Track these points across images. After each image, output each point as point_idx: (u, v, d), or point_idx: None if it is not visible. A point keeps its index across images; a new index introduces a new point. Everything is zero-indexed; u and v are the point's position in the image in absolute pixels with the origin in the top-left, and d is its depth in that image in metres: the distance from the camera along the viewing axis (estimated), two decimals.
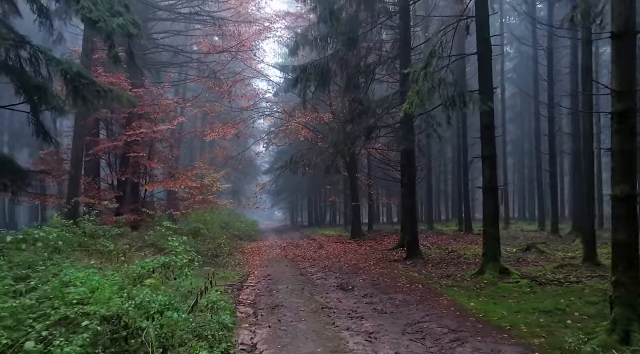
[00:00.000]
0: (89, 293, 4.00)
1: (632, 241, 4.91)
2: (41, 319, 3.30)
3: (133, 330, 3.86)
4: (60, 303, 3.67)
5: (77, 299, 3.74)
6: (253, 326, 6.11)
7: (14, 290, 3.99)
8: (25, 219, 37.60)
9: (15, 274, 4.38)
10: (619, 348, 4.42)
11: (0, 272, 4.07)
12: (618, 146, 4.93)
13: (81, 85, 7.21)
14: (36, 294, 3.79)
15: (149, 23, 17.95)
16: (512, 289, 7.78)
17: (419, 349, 5.02)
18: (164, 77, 18.23)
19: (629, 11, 4.77)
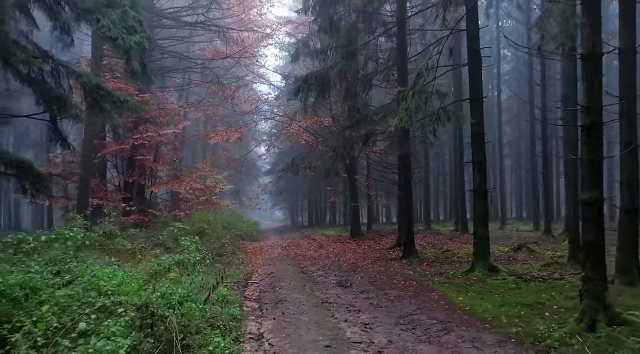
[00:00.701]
0: (118, 286, 4.59)
1: (599, 241, 5.49)
2: (84, 306, 3.88)
3: (158, 317, 4.45)
4: (97, 294, 4.25)
5: (110, 290, 4.32)
6: (259, 319, 6.69)
7: (53, 283, 4.57)
8: (28, 220, 38.21)
9: (50, 270, 4.96)
10: (584, 335, 5.01)
11: (39, 267, 4.65)
12: (587, 156, 5.52)
13: (99, 96, 7.80)
14: (75, 287, 4.37)
15: (154, 30, 18.54)
16: (499, 285, 8.37)
17: (410, 337, 5.60)
18: (169, 82, 18.84)
19: (595, 37, 5.36)
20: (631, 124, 7.58)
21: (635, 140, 7.57)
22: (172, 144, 19.35)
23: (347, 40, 11.02)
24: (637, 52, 7.56)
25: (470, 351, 5.00)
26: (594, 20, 5.41)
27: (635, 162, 7.61)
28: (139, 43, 7.25)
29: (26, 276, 4.17)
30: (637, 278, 7.45)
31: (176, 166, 20.52)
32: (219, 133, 19.52)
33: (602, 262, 5.46)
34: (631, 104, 7.54)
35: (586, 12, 5.40)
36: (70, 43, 7.92)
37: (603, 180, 5.55)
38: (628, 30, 7.50)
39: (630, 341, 4.71)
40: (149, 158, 17.44)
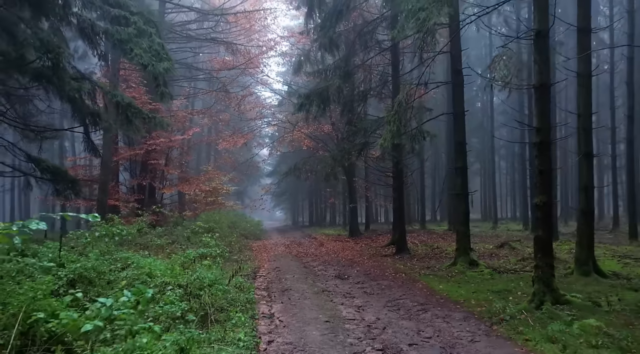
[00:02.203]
0: (163, 271, 5.85)
1: (547, 236, 6.76)
2: (143, 284, 5.12)
3: (194, 295, 5.71)
4: (148, 277, 5.51)
5: (158, 274, 5.58)
6: (269, 303, 7.93)
7: (112, 269, 5.83)
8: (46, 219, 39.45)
9: (106, 258, 6.21)
10: (532, 311, 6.27)
11: (101, 256, 5.91)
12: (538, 167, 6.78)
13: (131, 113, 9.05)
14: (130, 271, 5.63)
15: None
16: (476, 276, 9.62)
17: (394, 315, 6.85)
18: (178, 91, 20.09)
19: (544, 71, 6.61)
20: (588, 136, 8.83)
21: (591, 150, 8.83)
22: (182, 148, 20.59)
23: (344, 62, 12.30)
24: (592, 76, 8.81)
25: (441, 324, 6.25)
26: (544, 57, 6.67)
27: (591, 170, 8.86)
28: (167, 69, 8.49)
29: (94, 262, 5.42)
30: (591, 269, 8.71)
31: (184, 169, 21.77)
32: (227, 139, 20.79)
33: (550, 254, 6.72)
34: (587, 120, 8.79)
35: (537, 51, 6.66)
36: (106, 65, 9.13)
37: (564, 185, 6.78)
38: (585, 58, 8.74)
39: (565, 315, 5.97)
40: (160, 162, 18.69)
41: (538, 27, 6.65)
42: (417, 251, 14.79)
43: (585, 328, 5.41)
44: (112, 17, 9.35)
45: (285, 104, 22.91)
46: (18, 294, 3.60)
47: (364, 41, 12.72)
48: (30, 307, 3.52)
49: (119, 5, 9.63)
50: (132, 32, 8.48)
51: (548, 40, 6.71)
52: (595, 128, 9.02)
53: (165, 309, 4.10)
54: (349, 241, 19.82)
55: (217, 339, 4.85)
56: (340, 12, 11.50)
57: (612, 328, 5.44)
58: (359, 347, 5.31)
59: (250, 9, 20.65)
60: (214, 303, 6.15)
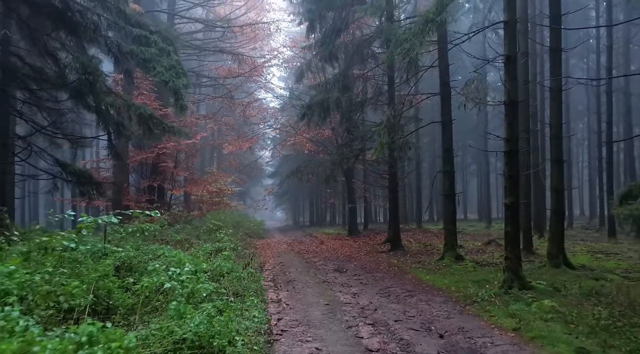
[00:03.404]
0: (191, 260, 6.97)
1: (515, 232, 7.88)
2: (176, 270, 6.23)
3: (216, 280, 6.83)
4: (178, 264, 6.62)
5: (185, 263, 6.70)
6: (276, 291, 9.04)
7: (147, 258, 6.94)
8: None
9: (140, 250, 7.32)
10: (501, 295, 7.39)
11: (135, 249, 7.02)
12: (507, 172, 7.90)
13: (153, 124, 10.16)
14: (163, 260, 6.73)
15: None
16: (460, 269, 10.73)
17: (384, 300, 7.96)
18: (187, 97, 21.22)
19: (512, 90, 7.73)
20: (558, 144, 9.94)
21: (561, 157, 9.95)
22: (189, 152, 21.72)
23: (342, 76, 13.43)
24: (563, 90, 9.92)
25: (424, 306, 7.37)
26: (512, 78, 7.79)
27: (561, 174, 9.98)
28: (185, 85, 9.58)
29: (132, 252, 6.54)
30: (561, 262, 9.82)
31: (191, 171, 22.90)
32: (232, 143, 21.92)
33: (517, 247, 7.84)
34: (558, 130, 9.90)
35: (507, 73, 7.78)
36: (130, 81, 10.24)
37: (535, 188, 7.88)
38: (556, 75, 9.85)
39: (527, 298, 7.09)
40: (169, 165, 19.81)
41: (507, 53, 7.76)
42: (411, 248, 15.90)
43: (541, 307, 6.53)
44: (134, 36, 10.47)
45: (288, 109, 24.02)
46: (88, 273, 4.72)
47: (361, 54, 13.85)
48: (98, 282, 4.63)
49: (139, 26, 10.75)
50: (154, 51, 9.58)
51: (516, 65, 7.82)
52: (565, 136, 10.08)
53: (202, 286, 5.20)
54: (348, 240, 20.91)
55: (237, 316, 5.97)
56: (339, 30, 12.59)
57: (564, 307, 6.55)
58: (353, 322, 6.43)
59: (254, 18, 21.84)
60: (231, 287, 7.27)
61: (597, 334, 5.33)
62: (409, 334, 5.83)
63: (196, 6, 20.16)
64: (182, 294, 4.35)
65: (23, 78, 10.07)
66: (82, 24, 9.28)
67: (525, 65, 12.10)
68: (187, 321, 3.50)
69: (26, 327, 2.48)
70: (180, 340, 3.47)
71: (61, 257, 4.46)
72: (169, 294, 4.31)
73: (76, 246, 4.82)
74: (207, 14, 23.85)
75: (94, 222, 4.84)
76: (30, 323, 2.56)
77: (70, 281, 3.77)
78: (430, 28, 7.32)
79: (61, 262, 4.40)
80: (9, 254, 4.37)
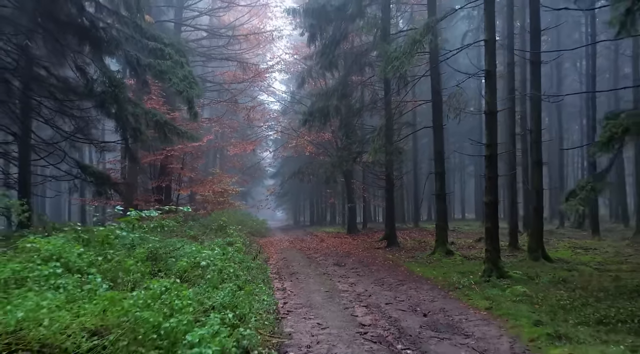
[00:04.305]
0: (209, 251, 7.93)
1: (494, 227, 8.84)
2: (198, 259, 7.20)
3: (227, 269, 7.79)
4: (198, 254, 7.59)
5: (204, 253, 7.67)
6: (281, 281, 10.00)
7: (168, 250, 7.90)
8: (75, 217, 41.66)
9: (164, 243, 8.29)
10: (481, 283, 8.35)
11: (160, 242, 7.99)
12: (488, 174, 8.87)
13: (168, 129, 11.12)
14: (183, 251, 7.70)
15: None
16: (449, 262, 11.70)
17: (378, 288, 8.92)
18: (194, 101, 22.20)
19: (493, 101, 8.70)
20: (538, 148, 10.91)
21: (540, 159, 10.92)
22: (196, 153, 22.69)
23: (341, 85, 14.40)
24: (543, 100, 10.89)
25: (413, 292, 8.33)
26: (492, 90, 8.76)
27: (540, 175, 10.94)
28: (198, 94, 10.54)
29: (157, 244, 7.50)
30: (540, 255, 10.78)
31: (197, 172, 23.87)
32: (237, 145, 22.90)
33: (496, 241, 8.82)
34: (538, 135, 10.87)
35: (487, 86, 8.75)
36: (147, 90, 11.19)
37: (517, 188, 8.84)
38: (536, 85, 10.82)
39: (503, 284, 8.05)
40: (177, 166, 20.78)
41: (488, 68, 8.73)
42: (406, 244, 16.87)
43: (513, 292, 7.50)
44: (150, 49, 11.44)
45: (289, 112, 24.98)
46: (125, 260, 5.68)
47: (359, 63, 14.81)
48: (132, 267, 5.59)
49: (154, 39, 11.73)
50: (170, 64, 10.54)
51: (495, 79, 8.79)
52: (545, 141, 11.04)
53: (229, 264, 6.16)
54: (347, 238, 21.87)
55: (250, 297, 6.92)
56: (338, 41, 13.54)
57: (533, 292, 7.51)
58: (349, 305, 7.40)
59: (257, 25, 22.83)
60: (243, 275, 8.23)
61: (555, 311, 6.30)
62: (398, 313, 6.79)
63: (202, 15, 21.14)
64: (214, 270, 5.31)
65: (49, 88, 11.06)
66: (104, 39, 10.25)
67: (511, 74, 13.07)
68: (218, 292, 4.46)
69: (108, 287, 3.40)
70: (210, 307, 4.44)
71: (112, 244, 5.41)
72: (204, 270, 5.27)
73: (127, 235, 5.79)
74: (212, 20, 24.85)
75: (138, 215, 5.82)
76: (108, 285, 3.49)
77: (126, 260, 4.72)
78: (418, 48, 8.29)
79: (112, 248, 5.36)
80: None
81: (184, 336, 2.79)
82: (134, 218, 5.99)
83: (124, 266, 4.61)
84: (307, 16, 14.15)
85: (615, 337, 5.18)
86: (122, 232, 5.84)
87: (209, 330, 2.82)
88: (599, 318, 5.77)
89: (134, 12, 11.30)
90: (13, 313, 2.67)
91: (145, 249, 6.10)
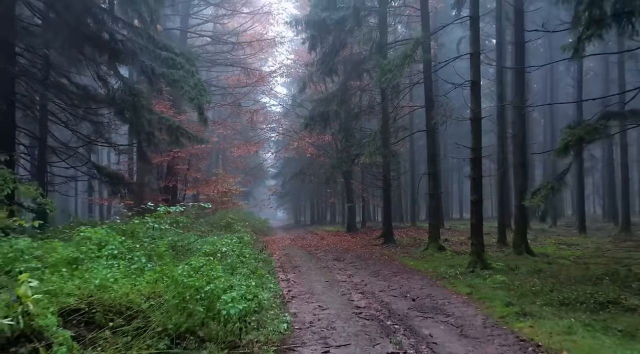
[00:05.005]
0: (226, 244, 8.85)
1: (479, 223, 9.74)
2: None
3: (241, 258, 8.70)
4: (218, 242, 8.49)
5: (223, 242, 8.57)
6: (285, 273, 10.90)
7: (185, 243, 8.81)
8: (84, 214, 42.62)
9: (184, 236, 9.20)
10: (466, 273, 9.26)
11: (178, 235, 8.90)
12: (473, 175, 9.77)
13: (180, 134, 12.03)
14: (199, 244, 8.60)
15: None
16: (440, 257, 12.60)
17: (374, 279, 9.82)
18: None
19: (477, 108, 9.61)
20: (522, 150, 11.81)
21: (524, 161, 11.82)
22: (201, 155, 23.59)
23: (341, 91, 15.32)
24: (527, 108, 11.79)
25: (404, 282, 9.23)
26: (477, 99, 9.66)
27: (525, 176, 11.84)
28: (208, 101, 11.43)
29: (176, 238, 8.41)
30: (524, 250, 11.68)
31: (202, 173, 24.78)
32: (241, 147, 23.83)
33: (480, 236, 9.72)
34: (522, 138, 11.77)
35: (472, 95, 9.65)
36: (161, 98, 12.07)
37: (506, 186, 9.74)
38: (519, 94, 11.72)
39: (485, 274, 8.96)
40: (184, 167, 21.70)
41: (473, 79, 9.63)
42: (402, 241, 17.77)
43: (493, 280, 8.40)
44: (163, 59, 12.33)
45: (291, 115, 25.86)
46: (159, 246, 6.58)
47: (357, 70, 15.72)
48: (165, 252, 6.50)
49: (166, 48, 12.62)
50: (182, 73, 11.44)
51: (479, 89, 9.69)
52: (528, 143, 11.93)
53: (246, 250, 7.07)
54: (347, 236, 22.77)
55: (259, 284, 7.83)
56: (337, 50, 14.44)
57: (510, 281, 8.41)
58: (347, 292, 8.30)
59: (260, 30, 23.74)
60: (254, 262, 9.15)
61: (526, 295, 7.20)
62: (389, 298, 7.69)
63: (206, 22, 22.06)
64: (234, 255, 6.22)
65: (69, 95, 11.97)
66: (122, 50, 11.15)
67: (499, 82, 13.99)
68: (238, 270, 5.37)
69: (151, 267, 4.31)
70: (229, 287, 5.34)
71: (138, 236, 6.32)
72: (224, 255, 6.16)
73: (158, 227, 6.71)
74: (215, 26, 25.75)
75: (166, 211, 6.74)
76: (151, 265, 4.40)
77: (159, 247, 5.64)
78: (409, 61, 9.19)
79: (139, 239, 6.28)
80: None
81: (219, 297, 3.68)
82: (162, 213, 6.92)
83: (157, 252, 5.52)
84: (309, 27, 15.03)
85: (573, 315, 6.08)
86: (155, 224, 6.75)
87: (238, 293, 3.68)
88: (562, 299, 6.67)
89: (147, 24, 12.20)
90: (91, 281, 3.56)
91: (167, 240, 7.00)
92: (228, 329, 3.71)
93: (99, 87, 11.14)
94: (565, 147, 6.64)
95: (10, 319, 2.91)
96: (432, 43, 21.32)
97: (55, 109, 12.04)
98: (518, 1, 11.64)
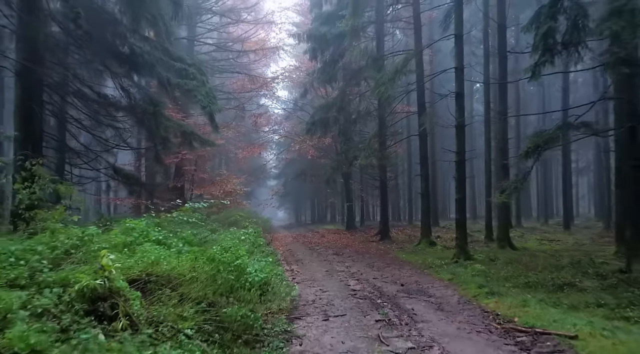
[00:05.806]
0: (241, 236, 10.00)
1: (463, 220, 10.89)
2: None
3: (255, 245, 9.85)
4: (236, 233, 9.63)
5: (241, 231, 9.72)
6: (289, 265, 12.05)
7: (201, 237, 9.96)
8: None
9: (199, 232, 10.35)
10: (450, 263, 10.41)
11: (197, 228, 10.04)
12: (457, 176, 10.91)
13: (193, 139, 13.18)
14: (215, 236, 9.74)
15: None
16: (431, 251, 13.75)
17: (369, 269, 10.97)
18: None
19: (461, 116, 10.76)
20: (504, 154, 12.96)
21: (506, 163, 12.97)
22: (207, 156, 24.75)
23: (340, 99, 16.51)
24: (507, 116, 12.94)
25: (396, 271, 10.39)
26: (460, 108, 10.81)
27: (507, 177, 12.99)
28: (219, 109, 12.57)
29: (192, 231, 9.56)
30: (506, 244, 12.83)
31: (208, 173, 25.95)
32: (245, 149, 25.02)
33: (464, 230, 10.87)
34: (504, 143, 12.92)
35: (457, 105, 10.80)
36: (176, 106, 13.23)
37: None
38: (503, 101, 12.86)
39: (466, 264, 10.11)
40: (191, 168, 22.87)
41: (457, 90, 10.78)
42: (398, 238, 18.93)
43: (473, 269, 9.55)
44: (176, 69, 13.49)
45: (293, 118, 27.01)
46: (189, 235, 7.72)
47: (356, 78, 16.91)
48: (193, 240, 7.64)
49: (179, 60, 13.77)
50: (195, 83, 12.59)
51: (463, 99, 10.84)
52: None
53: (260, 239, 8.23)
54: (346, 234, 23.92)
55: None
56: (337, 61, 15.61)
57: (488, 269, 9.57)
58: (344, 279, 9.46)
59: (264, 38, 24.91)
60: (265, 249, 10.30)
61: (498, 280, 8.36)
62: (381, 283, 8.85)
63: (212, 31, 23.22)
64: (249, 242, 7.38)
65: (91, 103, 13.13)
66: (142, 63, 12.30)
67: (486, 92, 15.15)
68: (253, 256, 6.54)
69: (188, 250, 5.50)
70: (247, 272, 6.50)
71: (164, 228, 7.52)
72: (242, 242, 7.34)
73: (186, 220, 7.89)
74: (220, 34, 26.90)
75: (192, 207, 7.91)
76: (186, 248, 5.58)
77: (188, 232, 6.81)
78: (399, 76, 10.34)
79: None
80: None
81: (245, 269, 4.82)
82: (189, 209, 8.07)
83: (187, 239, 6.68)
84: (310, 40, 16.21)
85: (534, 294, 7.23)
86: (184, 217, 7.92)
87: (260, 265, 4.79)
88: (527, 283, 7.83)
89: (163, 38, 13.37)
90: (148, 258, 4.72)
91: (188, 232, 8.16)
92: (252, 293, 4.87)
93: (121, 97, 12.26)
94: (527, 153, 7.80)
95: (100, 281, 4.08)
96: (428, 50, 22.52)
97: (80, 116, 13.18)
98: (501, 17, 12.79)
